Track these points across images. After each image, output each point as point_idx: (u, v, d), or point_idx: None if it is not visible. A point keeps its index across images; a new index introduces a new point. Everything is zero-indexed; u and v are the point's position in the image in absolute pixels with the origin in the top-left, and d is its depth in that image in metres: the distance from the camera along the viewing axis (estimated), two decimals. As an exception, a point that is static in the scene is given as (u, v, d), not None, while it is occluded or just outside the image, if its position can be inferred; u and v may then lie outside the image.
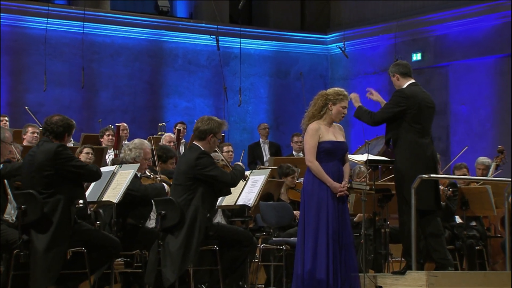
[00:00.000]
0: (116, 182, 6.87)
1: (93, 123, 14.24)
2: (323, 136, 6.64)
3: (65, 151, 6.34)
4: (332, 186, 6.56)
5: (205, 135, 6.61)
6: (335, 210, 6.55)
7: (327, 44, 16.82)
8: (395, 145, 7.10)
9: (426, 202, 6.96)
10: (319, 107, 6.71)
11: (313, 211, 6.55)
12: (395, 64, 7.32)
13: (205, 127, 6.60)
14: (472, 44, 14.42)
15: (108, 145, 10.69)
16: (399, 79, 7.23)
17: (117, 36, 15.01)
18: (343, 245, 6.54)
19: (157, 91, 15.45)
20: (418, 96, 7.09)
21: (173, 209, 6.46)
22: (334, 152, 6.64)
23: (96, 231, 6.59)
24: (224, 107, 15.40)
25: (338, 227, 6.53)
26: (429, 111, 7.14)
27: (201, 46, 15.71)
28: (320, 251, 6.46)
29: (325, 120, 6.71)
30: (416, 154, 6.98)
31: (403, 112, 7.00)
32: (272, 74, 16.44)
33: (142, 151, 7.32)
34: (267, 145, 13.20)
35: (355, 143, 14.53)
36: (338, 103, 6.70)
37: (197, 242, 6.47)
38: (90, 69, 14.59)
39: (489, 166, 9.82)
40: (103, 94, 14.90)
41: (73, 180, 6.35)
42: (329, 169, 6.60)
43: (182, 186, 6.53)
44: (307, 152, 6.66)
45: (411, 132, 7.00)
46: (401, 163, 7.01)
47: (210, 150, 6.67)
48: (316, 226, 6.51)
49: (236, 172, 6.68)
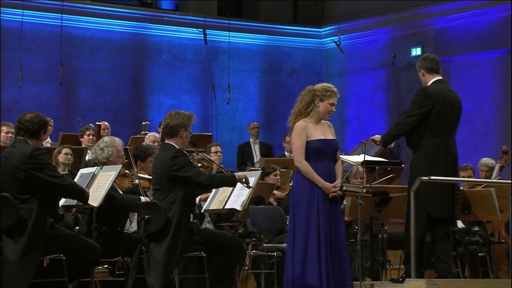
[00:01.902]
0: (97, 184, 6.86)
1: (72, 121, 14.22)
2: (311, 135, 6.65)
3: (41, 156, 6.27)
4: (324, 187, 6.57)
5: (176, 131, 6.61)
6: (327, 212, 6.56)
7: (321, 38, 16.84)
8: (412, 147, 7.09)
9: (440, 208, 6.96)
10: (306, 104, 6.72)
11: (303, 214, 6.55)
12: (423, 58, 7.28)
13: (175, 122, 6.60)
14: (475, 38, 14.47)
15: (89, 145, 10.66)
16: (425, 75, 7.21)
17: (97, 29, 14.98)
18: (336, 249, 6.55)
19: (141, 87, 15.43)
20: (442, 95, 7.04)
21: (157, 213, 6.46)
22: (324, 150, 6.65)
23: (75, 237, 6.57)
24: (212, 105, 15.40)
25: (330, 231, 6.54)
26: (453, 111, 7.09)
27: (187, 40, 15.71)
28: (310, 257, 6.46)
29: (312, 117, 6.71)
30: (434, 157, 6.96)
31: (428, 112, 6.98)
32: (263, 70, 16.45)
33: (115, 149, 7.33)
34: (257, 145, 13.21)
35: (351, 143, 14.55)
36: (326, 100, 6.71)
37: (183, 247, 6.47)
38: (69, 64, 14.56)
39: (493, 168, 9.86)
40: (83, 91, 14.87)
41: (44, 190, 6.27)
42: (319, 169, 6.61)
43: (162, 189, 6.52)
44: (295, 152, 6.66)
45: (430, 133, 6.99)
46: (418, 167, 7.00)
47: (183, 146, 6.68)
48: (306, 230, 6.51)
49: (221, 176, 6.65)
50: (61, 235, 6.40)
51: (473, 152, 13.49)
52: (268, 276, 8.29)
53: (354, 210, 8.10)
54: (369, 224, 7.88)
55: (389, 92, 15.69)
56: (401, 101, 15.41)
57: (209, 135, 12.44)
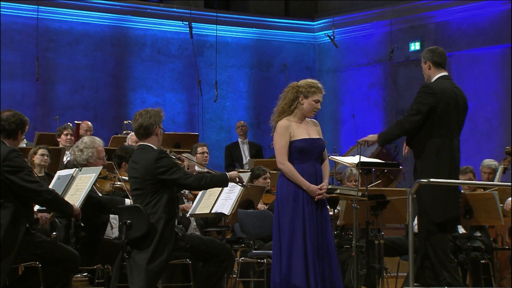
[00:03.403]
0: (75, 187, 6.85)
1: (49, 120, 14.20)
2: (294, 134, 6.65)
3: (17, 158, 6.23)
4: (309, 190, 6.57)
5: (151, 130, 6.55)
6: (313, 216, 6.56)
7: (314, 32, 16.86)
8: (414, 148, 7.09)
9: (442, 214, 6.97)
10: (289, 101, 6.72)
11: (287, 219, 6.56)
12: (430, 50, 7.22)
13: (149, 121, 6.55)
14: (478, 32, 14.51)
15: (66, 145, 10.65)
16: (431, 68, 7.16)
17: (76, 21, 14.96)
18: (324, 254, 6.55)
19: (122, 84, 15.42)
20: (447, 93, 7.03)
21: (140, 218, 6.44)
22: (309, 150, 6.65)
23: (51, 243, 6.55)
24: (198, 102, 15.40)
25: (316, 236, 6.54)
26: (458, 111, 7.08)
27: (172, 34, 15.70)
28: (296, 263, 6.47)
29: (295, 115, 6.72)
30: (437, 160, 6.96)
31: (432, 111, 6.97)
32: (253, 66, 16.46)
33: (95, 150, 7.31)
34: (246, 146, 13.22)
35: (346, 144, 14.60)
36: (310, 96, 6.69)
37: (168, 254, 6.47)
38: (46, 60, 14.53)
39: (496, 170, 9.88)
40: (61, 88, 14.85)
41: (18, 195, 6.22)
42: (304, 170, 6.61)
43: (144, 193, 6.47)
44: (278, 153, 6.66)
45: (434, 133, 6.98)
46: (421, 169, 7.00)
47: (159, 144, 6.65)
48: (291, 235, 6.52)
49: (211, 177, 6.62)
50: (37, 242, 6.38)
51: (475, 153, 13.53)
52: (257, 284, 8.30)
53: (349, 215, 8.11)
54: (365, 229, 7.89)
55: (386, 89, 15.73)
56: (399, 99, 15.45)
57: (195, 135, 12.44)
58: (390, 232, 9.44)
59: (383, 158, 8.14)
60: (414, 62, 14.54)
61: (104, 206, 7.00)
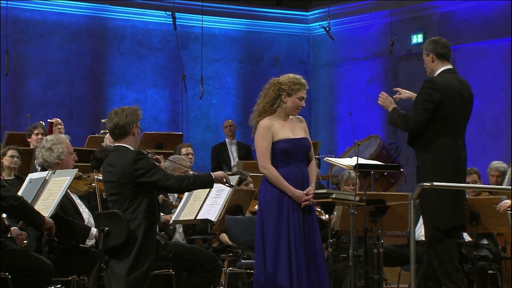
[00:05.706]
0: (49, 192, 6.83)
1: (20, 118, 14.16)
2: (277, 134, 6.60)
3: None
4: (294, 195, 6.54)
5: (128, 129, 6.51)
6: (299, 224, 6.54)
7: (308, 23, 16.88)
8: (417, 148, 7.10)
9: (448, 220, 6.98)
10: (271, 100, 6.66)
11: (271, 228, 6.54)
12: (433, 42, 7.22)
13: (126, 120, 6.51)
14: (484, 24, 14.55)
15: (37, 146, 10.61)
16: (434, 61, 7.17)
17: (50, 11, 14.93)
18: (311, 262, 6.53)
19: (100, 79, 15.40)
20: (452, 88, 7.04)
21: (118, 225, 6.43)
22: (294, 152, 6.62)
23: (22, 252, 6.54)
24: (183, 99, 15.39)
25: (303, 243, 6.52)
26: (462, 107, 7.09)
27: (154, 25, 15.69)
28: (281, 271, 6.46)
29: (278, 114, 6.68)
30: (441, 161, 6.98)
31: (436, 108, 6.96)
32: (242, 60, 16.47)
33: (63, 145, 7.30)
34: (234, 146, 13.21)
35: (343, 144, 14.60)
36: (294, 94, 6.65)
37: (150, 264, 6.45)
38: (16, 53, 14.50)
39: (505, 172, 9.89)
40: (33, 83, 14.82)
41: None
42: (289, 173, 6.59)
43: (122, 198, 6.44)
44: (260, 156, 6.61)
45: (437, 132, 7.00)
46: (424, 172, 7.02)
47: (136, 145, 6.63)
48: (275, 247, 6.50)
49: (194, 177, 6.58)
50: (7, 251, 6.37)
51: (481, 154, 13.56)
52: (246, 297, 8.30)
53: (345, 221, 8.11)
54: (363, 237, 7.89)
55: (386, 85, 15.73)
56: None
57: (179, 135, 12.42)
58: (390, 240, 9.46)
59: (383, 160, 8.18)
60: (416, 55, 14.55)
61: (72, 231, 6.98)
